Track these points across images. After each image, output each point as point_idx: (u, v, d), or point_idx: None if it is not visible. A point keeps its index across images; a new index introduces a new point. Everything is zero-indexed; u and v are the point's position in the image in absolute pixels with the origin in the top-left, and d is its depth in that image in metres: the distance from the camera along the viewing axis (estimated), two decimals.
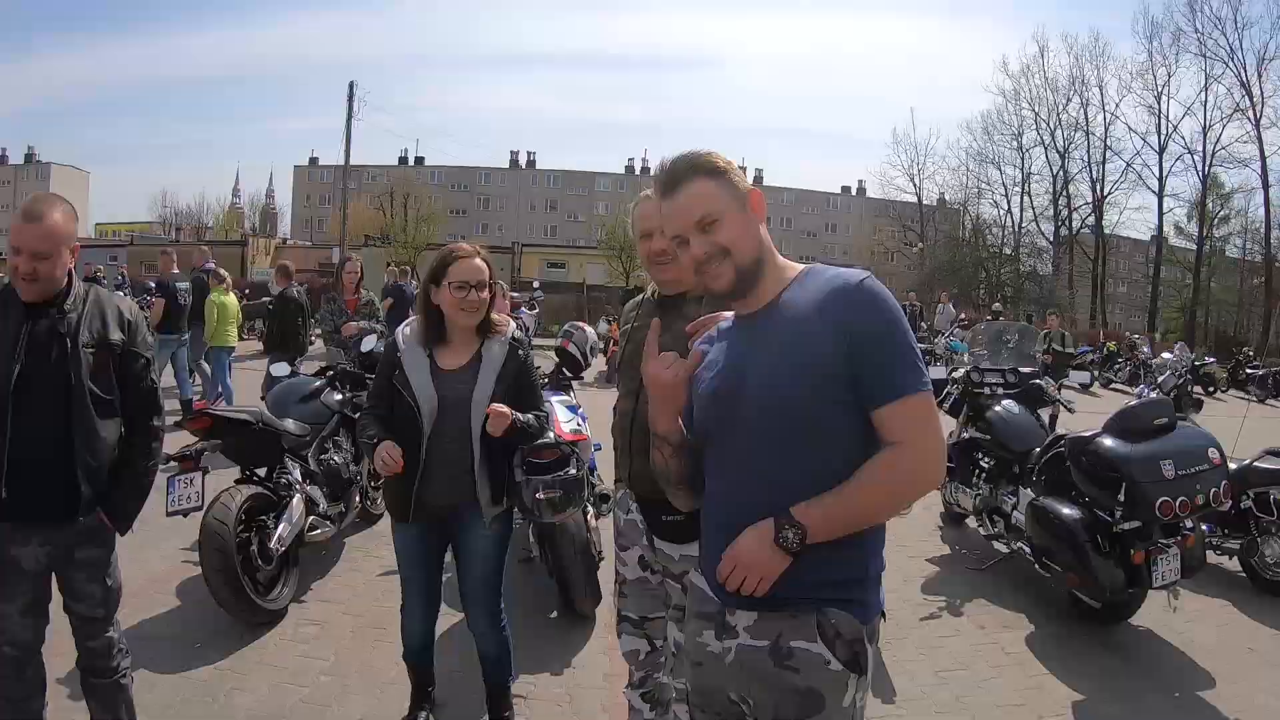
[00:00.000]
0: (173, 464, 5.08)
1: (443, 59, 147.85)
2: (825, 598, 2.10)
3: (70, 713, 3.80)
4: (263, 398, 11.29)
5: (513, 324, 3.94)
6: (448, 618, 5.23)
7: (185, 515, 5.10)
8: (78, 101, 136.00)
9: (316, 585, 5.83)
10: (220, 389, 12.25)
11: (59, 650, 3.54)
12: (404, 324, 3.88)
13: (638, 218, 3.23)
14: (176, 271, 13.06)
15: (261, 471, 5.72)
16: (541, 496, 3.77)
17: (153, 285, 16.14)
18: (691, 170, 2.23)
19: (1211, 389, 23.18)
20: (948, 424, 8.12)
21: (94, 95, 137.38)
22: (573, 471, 3.87)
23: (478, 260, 3.66)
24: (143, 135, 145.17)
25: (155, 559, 6.07)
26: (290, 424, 5.92)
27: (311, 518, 5.69)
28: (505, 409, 3.62)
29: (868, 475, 2.04)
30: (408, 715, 4.11)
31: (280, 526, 5.28)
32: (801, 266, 2.32)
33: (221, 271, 13.12)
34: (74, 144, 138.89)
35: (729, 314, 2.39)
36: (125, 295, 14.11)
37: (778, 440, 2.10)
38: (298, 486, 5.64)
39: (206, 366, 12.54)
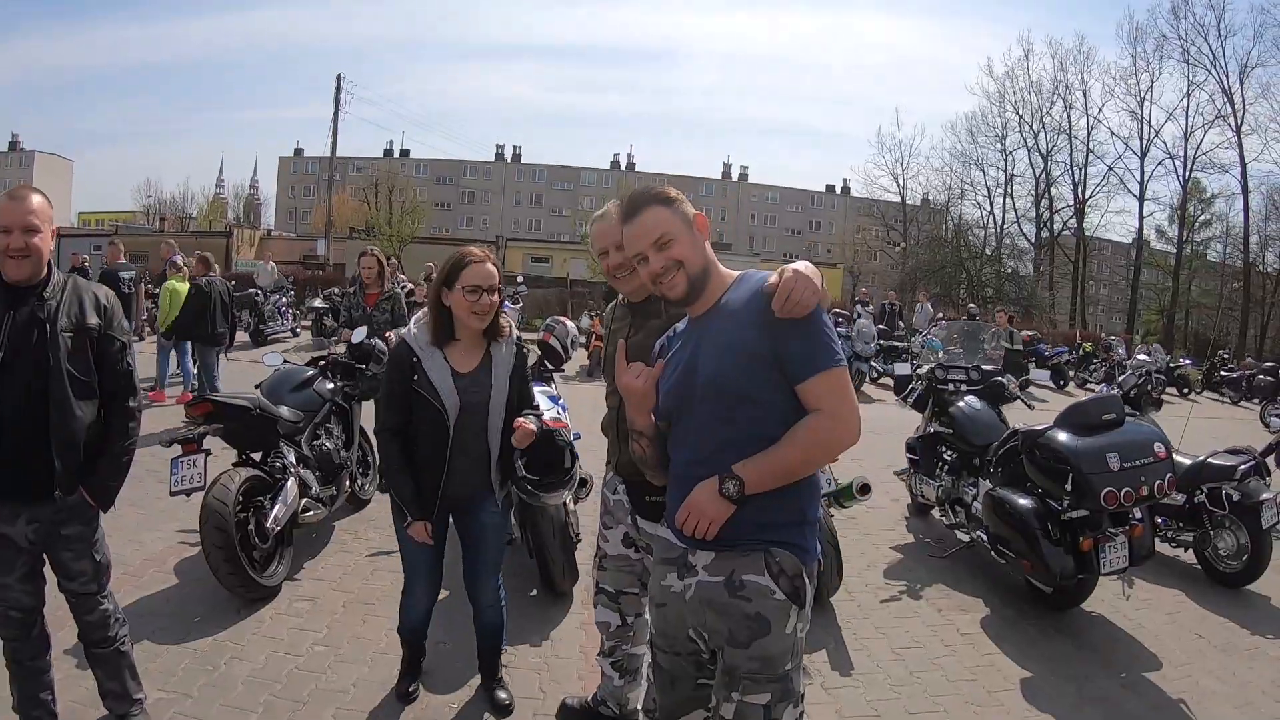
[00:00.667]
0: (175, 446, 5.31)
1: (430, 50, 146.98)
2: (769, 539, 2.55)
3: (79, 679, 4.02)
4: (193, 388, 11.80)
5: (512, 323, 4.08)
6: None
7: (188, 495, 5.31)
8: (61, 86, 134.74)
9: (308, 565, 6.03)
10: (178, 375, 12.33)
11: (64, 623, 3.76)
12: (412, 325, 3.97)
13: (595, 236, 3.56)
14: (122, 261, 13.30)
15: (256, 456, 5.90)
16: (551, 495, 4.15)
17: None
18: (648, 199, 2.74)
19: (1186, 390, 23.56)
20: (911, 418, 8.44)
21: (77, 80, 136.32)
22: (567, 465, 4.09)
23: (489, 265, 3.77)
24: (127, 122, 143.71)
25: (152, 540, 6.31)
26: (285, 411, 6.11)
27: (305, 500, 5.91)
28: (532, 425, 3.83)
29: (795, 437, 2.50)
30: (399, 683, 4.34)
31: (276, 507, 5.49)
32: (737, 273, 2.82)
33: (178, 260, 13.08)
34: (57, 129, 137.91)
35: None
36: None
37: (723, 414, 2.57)
38: (292, 470, 5.84)
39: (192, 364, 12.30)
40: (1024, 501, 5.76)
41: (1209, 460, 6.90)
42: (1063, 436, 5.56)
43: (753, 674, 2.52)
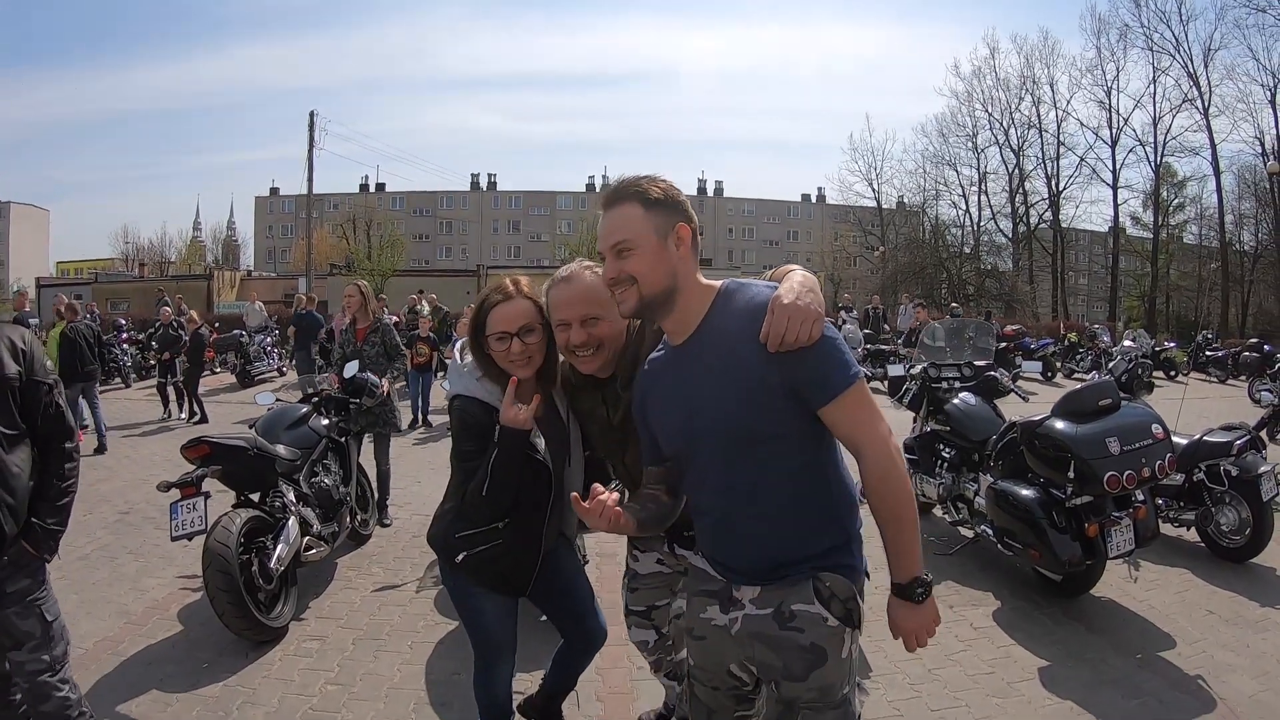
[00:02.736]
0: (174, 491, 5.28)
1: (399, 86, 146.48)
2: (818, 564, 2.40)
3: None
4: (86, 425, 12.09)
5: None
6: (442, 626, 5.47)
7: (190, 539, 5.29)
8: (31, 138, 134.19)
9: (314, 603, 5.98)
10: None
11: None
12: (469, 380, 3.21)
13: (554, 304, 3.04)
14: (27, 309, 13.76)
15: (255, 496, 5.88)
16: None
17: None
18: (628, 194, 2.44)
19: (1173, 373, 23.68)
20: (906, 419, 8.45)
21: (47, 131, 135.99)
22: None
23: (518, 303, 3.11)
24: (100, 170, 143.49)
25: (154, 587, 6.27)
26: (282, 449, 6.09)
27: (307, 538, 5.86)
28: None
29: (883, 496, 2.35)
30: None
31: (279, 547, 5.45)
32: (718, 285, 2.52)
33: (61, 308, 13.53)
34: (30, 180, 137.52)
35: None
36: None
37: (745, 452, 2.39)
38: (292, 509, 5.80)
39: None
40: (1027, 492, 5.76)
41: (1205, 438, 6.95)
42: (1061, 425, 5.57)
43: (812, 704, 2.43)
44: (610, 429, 3.16)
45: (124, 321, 25.57)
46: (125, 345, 21.54)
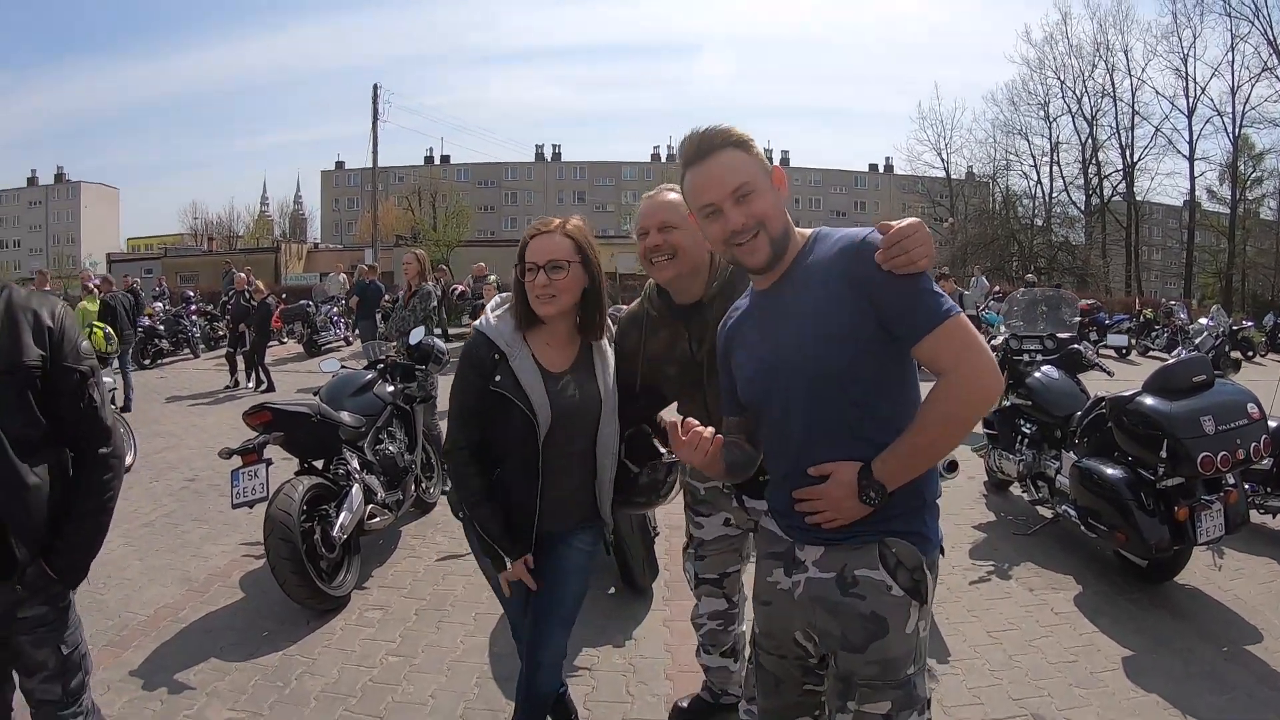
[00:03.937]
0: (235, 458, 5.26)
1: (461, 57, 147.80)
2: (884, 529, 2.24)
3: None
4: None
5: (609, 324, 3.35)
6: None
7: (251, 507, 5.26)
8: (100, 124, 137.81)
9: (377, 573, 5.95)
10: None
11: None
12: (488, 315, 3.18)
13: (640, 213, 3.21)
14: (48, 289, 14.61)
15: (319, 464, 5.87)
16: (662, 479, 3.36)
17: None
18: (723, 140, 2.32)
19: (1250, 353, 22.91)
20: None
21: (118, 115, 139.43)
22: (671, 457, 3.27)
23: (557, 237, 3.03)
24: (169, 151, 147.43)
25: (216, 554, 6.29)
26: (346, 416, 6.04)
27: (370, 506, 5.83)
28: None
29: (929, 414, 2.16)
30: None
31: (341, 515, 5.41)
32: (808, 232, 2.43)
33: (90, 285, 15.65)
34: (101, 165, 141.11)
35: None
36: (162, 304, 16.47)
37: (823, 400, 2.25)
38: (356, 476, 5.76)
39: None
40: (1114, 471, 5.51)
41: None
42: (1153, 401, 5.30)
43: (871, 680, 2.24)
44: (692, 364, 3.15)
45: (192, 294, 26.34)
46: (194, 317, 22.26)
